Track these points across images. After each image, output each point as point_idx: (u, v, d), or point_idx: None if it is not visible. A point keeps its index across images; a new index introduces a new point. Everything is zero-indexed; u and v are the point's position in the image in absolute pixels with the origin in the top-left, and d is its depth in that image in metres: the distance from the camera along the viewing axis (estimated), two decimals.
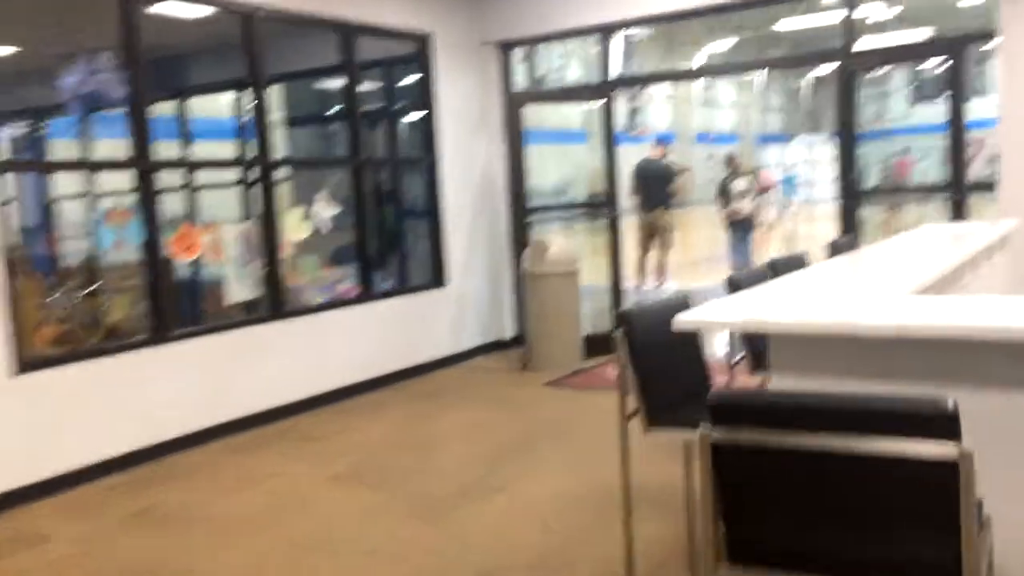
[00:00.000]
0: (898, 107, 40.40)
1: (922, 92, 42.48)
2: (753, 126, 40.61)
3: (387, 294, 6.88)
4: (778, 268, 3.82)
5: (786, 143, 40.69)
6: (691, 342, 2.79)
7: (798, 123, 43.78)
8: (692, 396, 2.82)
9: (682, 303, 2.81)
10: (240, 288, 5.76)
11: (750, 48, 37.66)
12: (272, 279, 5.88)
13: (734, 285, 3.45)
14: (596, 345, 7.16)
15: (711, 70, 20.90)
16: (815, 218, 25.80)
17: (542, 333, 6.93)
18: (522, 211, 7.23)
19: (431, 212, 7.31)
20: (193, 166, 8.00)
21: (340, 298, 6.61)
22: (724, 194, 10.56)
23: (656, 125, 31.20)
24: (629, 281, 10.23)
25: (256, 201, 5.92)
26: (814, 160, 34.73)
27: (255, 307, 5.93)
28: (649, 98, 30.68)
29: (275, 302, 5.91)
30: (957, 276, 3.06)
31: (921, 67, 42.11)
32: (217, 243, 5.66)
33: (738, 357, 3.56)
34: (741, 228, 10.53)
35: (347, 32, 6.48)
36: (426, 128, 7.23)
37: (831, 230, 6.60)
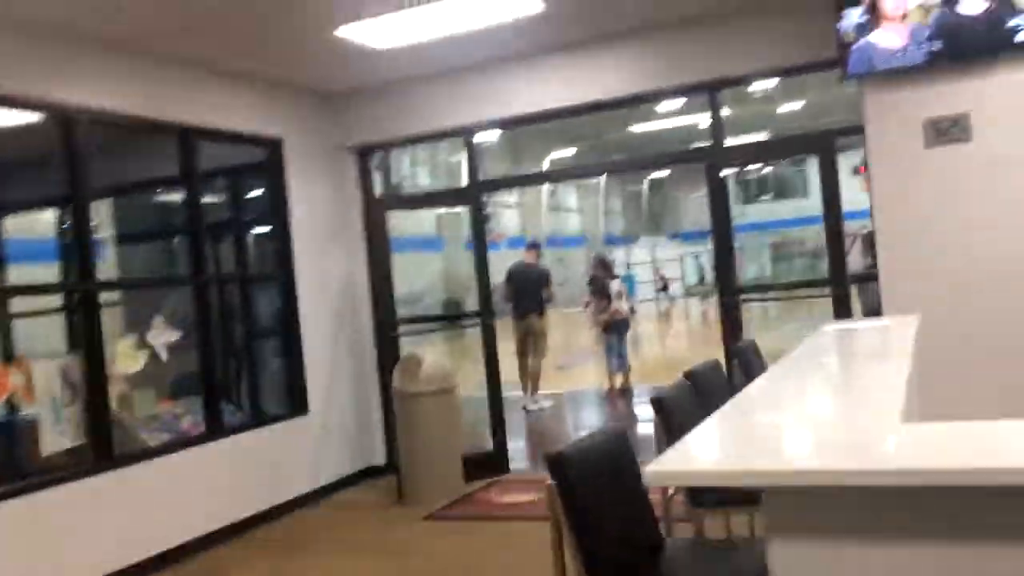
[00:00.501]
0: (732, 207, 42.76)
1: (749, 192, 45.34)
2: (599, 229, 41.88)
3: (238, 428, 6.05)
4: (697, 380, 3.40)
5: (630, 244, 42.17)
6: (637, 487, 2.27)
7: (640, 225, 45.59)
8: (641, 554, 2.29)
9: (622, 440, 2.31)
10: (57, 435, 4.83)
11: (590, 155, 39.09)
12: (98, 420, 4.99)
13: (660, 407, 3.00)
14: (477, 466, 6.55)
15: (584, 171, 21.21)
16: (675, 317, 26.08)
17: (417, 459, 6.25)
18: (389, 324, 6.63)
19: (287, 332, 6.60)
20: (4, 292, 6.97)
21: (183, 437, 5.74)
22: (602, 295, 10.34)
23: (508, 230, 31.55)
24: (511, 391, 9.91)
25: (79, 330, 5.07)
26: (661, 260, 36.02)
27: (79, 455, 5.00)
28: (497, 205, 30.98)
29: (102, 448, 5.00)
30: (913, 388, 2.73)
31: (747, 170, 44.76)
32: (29, 381, 4.76)
33: (671, 492, 3.08)
34: (616, 329, 10.29)
35: (188, 138, 5.83)
36: (279, 240, 6.59)
37: (687, 328, 6.35)
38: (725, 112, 6.18)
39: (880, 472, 1.60)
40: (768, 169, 48.11)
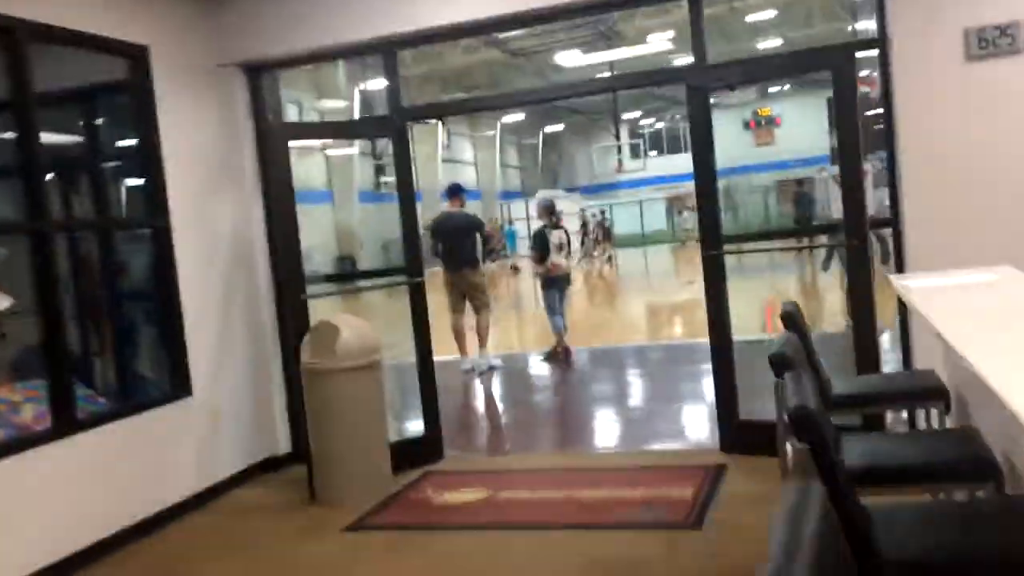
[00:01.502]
0: (628, 162, 42.36)
1: (643, 148, 44.96)
2: (495, 182, 40.71)
3: (99, 419, 4.69)
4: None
5: (525, 199, 41.23)
6: None
7: (536, 179, 44.68)
8: None
9: None
10: None
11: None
12: None
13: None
14: (407, 454, 5.40)
15: (534, 96, 20.02)
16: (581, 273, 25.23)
17: (333, 449, 5.04)
18: (295, 287, 5.34)
19: (163, 295, 5.23)
20: None
21: (23, 434, 4.35)
22: (542, 248, 9.20)
23: None
24: (447, 355, 8.63)
25: None
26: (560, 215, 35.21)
27: None
28: (390, 157, 29.39)
29: None
30: None
31: (642, 124, 44.26)
32: None
33: None
34: (557, 285, 9.18)
35: (16, 39, 4.34)
36: (148, 180, 5.18)
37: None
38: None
39: None
40: (660, 125, 48.21)
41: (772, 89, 44.39)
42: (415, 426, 5.78)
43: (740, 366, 5.09)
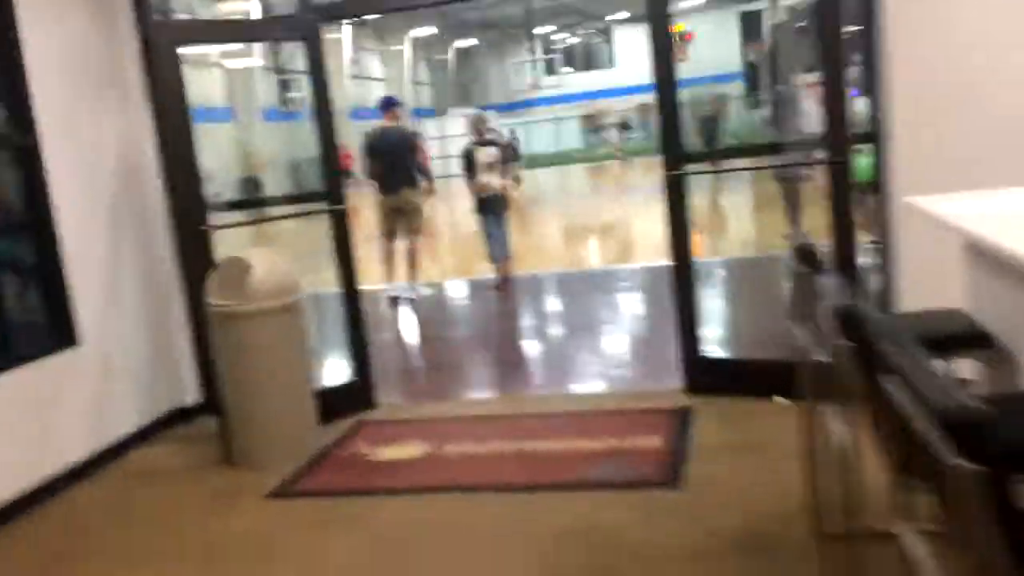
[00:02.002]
0: (544, 79, 41.36)
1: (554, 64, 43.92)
2: (406, 100, 39.20)
3: None
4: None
5: (437, 117, 39.97)
6: None
7: (448, 97, 43.32)
8: None
9: None
10: None
11: (397, 16, 36.14)
12: None
13: None
14: (335, 403, 4.79)
15: None
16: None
17: (251, 400, 4.38)
18: (197, 214, 4.57)
19: (36, 229, 4.41)
20: None
21: None
22: (469, 166, 8.45)
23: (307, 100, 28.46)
24: (376, 283, 8.10)
25: None
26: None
27: None
28: (293, 73, 27.60)
29: None
30: None
31: (554, 39, 43.24)
32: None
33: None
34: (490, 209, 8.42)
35: None
36: (9, 91, 4.30)
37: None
38: None
39: None
40: (574, 40, 47.12)
41: (684, 4, 43.92)
42: (342, 370, 5.15)
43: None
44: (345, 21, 25.17)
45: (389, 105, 8.32)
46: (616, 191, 22.53)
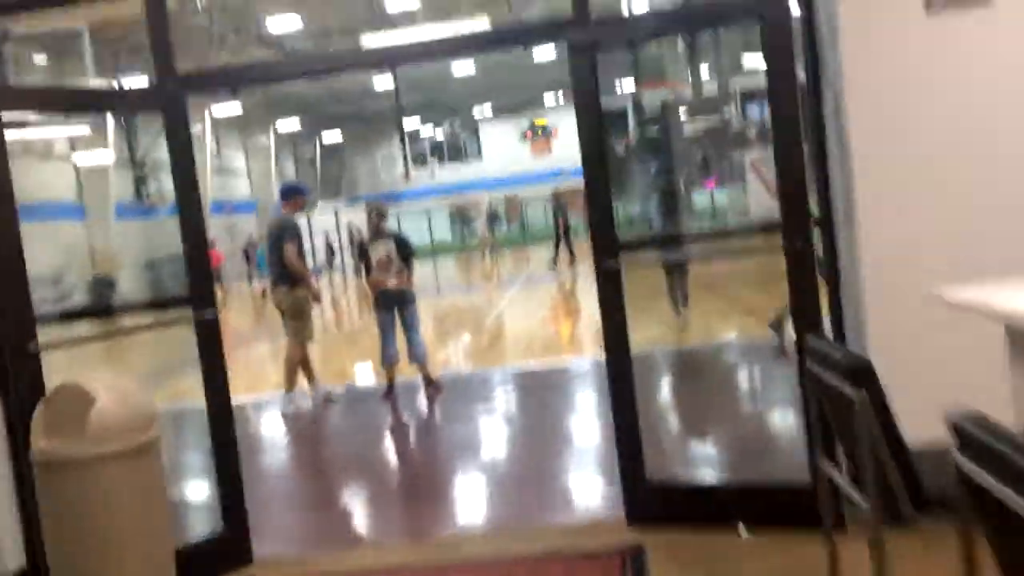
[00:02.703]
0: (413, 171, 41.18)
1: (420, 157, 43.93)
2: (271, 193, 37.94)
3: None
4: None
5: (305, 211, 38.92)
6: None
7: (316, 189, 42.40)
8: None
9: None
10: None
11: (261, 109, 35.34)
12: None
13: None
14: (202, 561, 3.83)
15: (396, 54, 17.74)
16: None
17: (88, 565, 3.38)
18: (22, 331, 3.61)
19: None
20: None
21: None
22: (364, 260, 7.61)
23: (169, 193, 26.92)
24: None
25: None
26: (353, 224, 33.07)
27: None
28: (156, 166, 26.11)
29: None
30: None
31: (428, 130, 43.42)
32: None
33: None
34: (387, 305, 7.42)
35: None
36: None
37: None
38: None
39: None
40: (443, 134, 47.37)
41: (548, 103, 45.14)
42: (209, 518, 4.18)
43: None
44: (218, 96, 24.20)
45: (290, 194, 7.68)
46: (492, 284, 22.11)
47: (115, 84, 18.85)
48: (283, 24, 22.59)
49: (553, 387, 7.67)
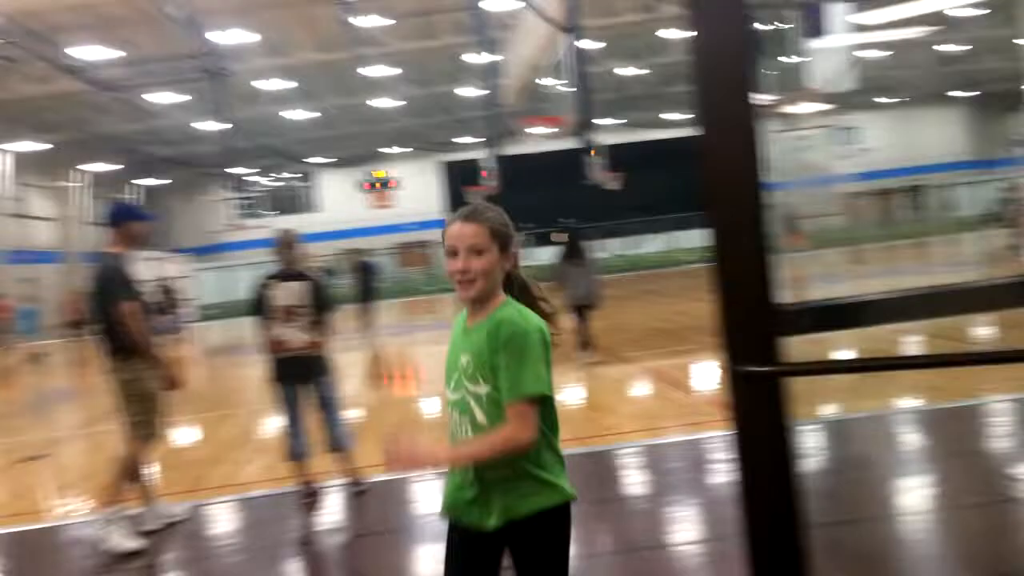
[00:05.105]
0: (240, 221, 38.62)
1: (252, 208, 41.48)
2: (80, 242, 34.21)
3: None
4: None
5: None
6: None
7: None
8: None
9: None
10: None
11: (70, 148, 32.07)
12: None
13: None
14: None
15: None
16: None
17: None
18: None
19: None
20: None
21: None
22: (262, 311, 5.26)
23: None
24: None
25: None
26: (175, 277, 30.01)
27: None
28: None
29: None
30: None
31: (251, 182, 41.11)
32: None
33: None
34: (297, 374, 5.24)
35: None
36: None
37: None
38: None
39: None
40: (275, 182, 44.91)
41: (387, 151, 43.59)
42: None
43: None
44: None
45: (120, 218, 5.13)
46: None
47: None
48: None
49: None
